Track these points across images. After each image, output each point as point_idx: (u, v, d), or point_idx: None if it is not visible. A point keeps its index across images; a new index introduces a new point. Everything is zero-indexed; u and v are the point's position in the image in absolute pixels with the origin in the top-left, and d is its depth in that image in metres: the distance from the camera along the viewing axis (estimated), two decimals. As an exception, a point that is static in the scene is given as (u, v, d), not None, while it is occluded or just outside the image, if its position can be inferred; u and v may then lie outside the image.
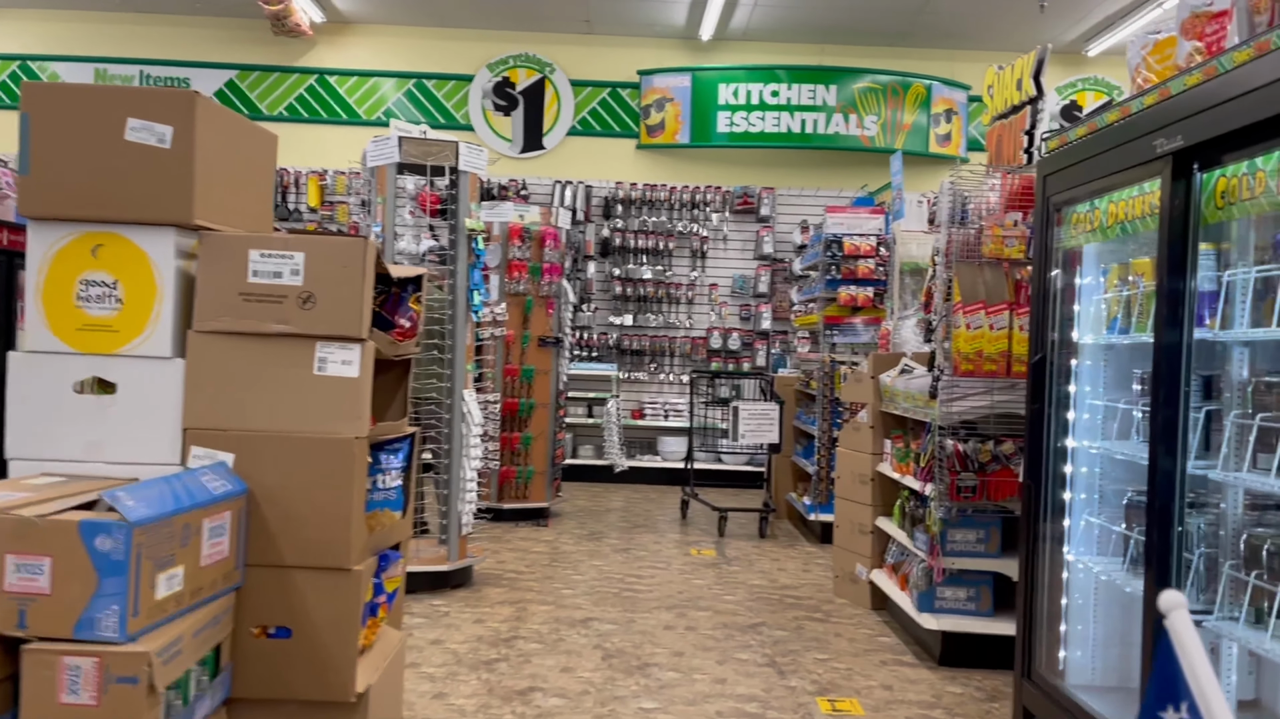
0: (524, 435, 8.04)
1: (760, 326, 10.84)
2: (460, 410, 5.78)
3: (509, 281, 8.02)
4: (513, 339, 8.04)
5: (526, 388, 8.06)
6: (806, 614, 5.56)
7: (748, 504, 8.98)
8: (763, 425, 7.69)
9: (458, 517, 5.78)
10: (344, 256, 3.06)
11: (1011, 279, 4.55)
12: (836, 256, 7.51)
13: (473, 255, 5.82)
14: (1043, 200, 3.05)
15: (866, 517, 5.78)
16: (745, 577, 6.42)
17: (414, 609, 5.34)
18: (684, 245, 10.86)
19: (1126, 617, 3.00)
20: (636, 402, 10.86)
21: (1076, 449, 3.03)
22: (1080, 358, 3.06)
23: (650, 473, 10.45)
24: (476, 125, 10.98)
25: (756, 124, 10.52)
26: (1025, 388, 4.64)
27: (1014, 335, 4.47)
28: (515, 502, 8.03)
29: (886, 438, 5.65)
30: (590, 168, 10.96)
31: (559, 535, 7.53)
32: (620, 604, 5.61)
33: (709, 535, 7.77)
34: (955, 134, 10.87)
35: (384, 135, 5.76)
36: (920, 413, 5.06)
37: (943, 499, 4.56)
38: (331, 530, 2.97)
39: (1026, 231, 4.50)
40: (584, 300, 10.79)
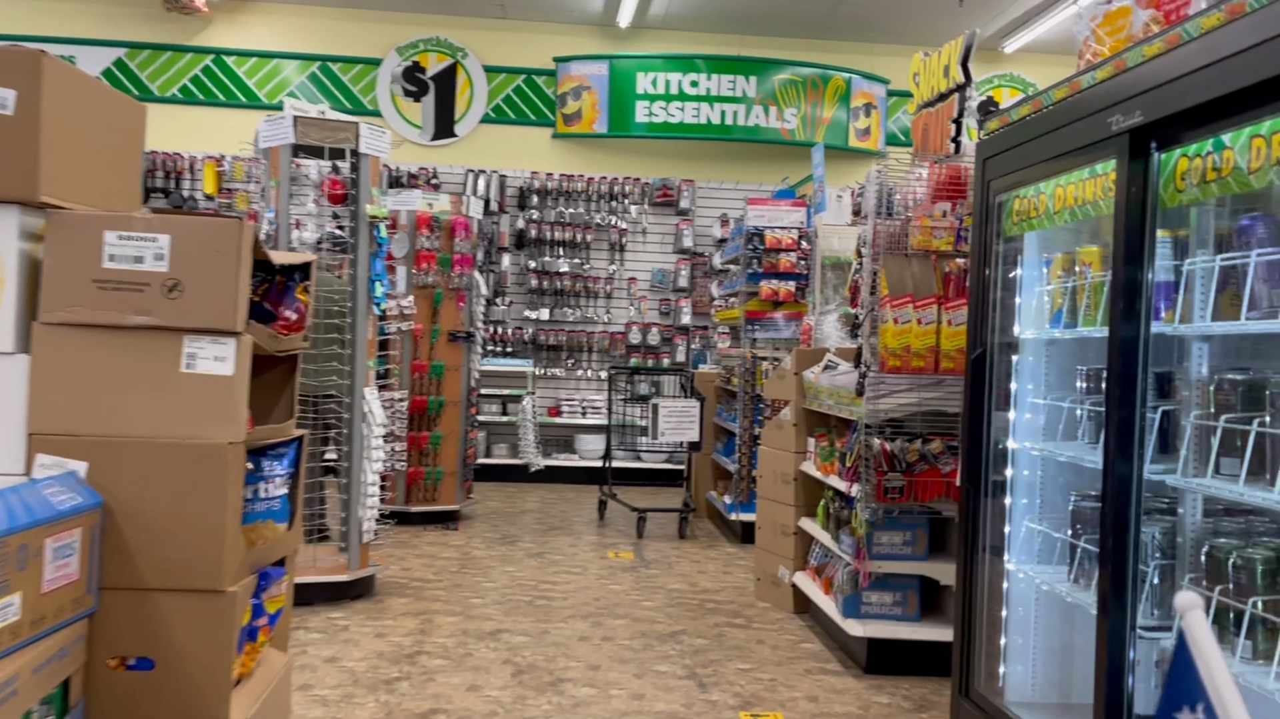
0: (433, 435, 7.68)
1: (680, 321, 10.63)
2: (361, 409, 5.42)
3: (417, 273, 7.64)
4: (421, 333, 7.67)
5: (436, 385, 7.70)
6: (728, 620, 5.34)
7: (667, 504, 8.75)
8: (683, 423, 7.46)
9: (359, 523, 5.42)
10: (216, 240, 2.72)
11: (940, 272, 4.38)
12: (758, 250, 7.32)
13: (375, 244, 5.46)
14: (982, 185, 2.86)
15: (789, 517, 5.58)
16: (664, 580, 6.18)
17: (310, 623, 4.97)
18: (602, 238, 10.58)
19: (1069, 629, 2.84)
20: (553, 398, 10.56)
21: (1018, 451, 2.86)
22: (1021, 354, 2.89)
23: (567, 472, 10.16)
24: (385, 111, 10.54)
25: (676, 114, 10.30)
26: (954, 385, 4.49)
27: (942, 330, 4.31)
28: (423, 504, 7.66)
29: (810, 436, 5.46)
30: (505, 157, 10.61)
31: (470, 540, 7.19)
32: (533, 614, 5.31)
33: (627, 537, 7.51)
34: (875, 129, 10.80)
35: (278, 115, 5.36)
36: (845, 410, 4.87)
37: (869, 501, 4.38)
38: (201, 548, 2.64)
39: (956, 223, 4.34)
40: (498, 294, 10.44)
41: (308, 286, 3.62)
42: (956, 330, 4.30)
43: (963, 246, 4.36)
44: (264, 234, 5.30)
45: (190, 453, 2.65)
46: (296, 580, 5.25)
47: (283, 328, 3.32)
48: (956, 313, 4.30)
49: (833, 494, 5.05)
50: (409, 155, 10.53)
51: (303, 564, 5.43)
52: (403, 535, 7.21)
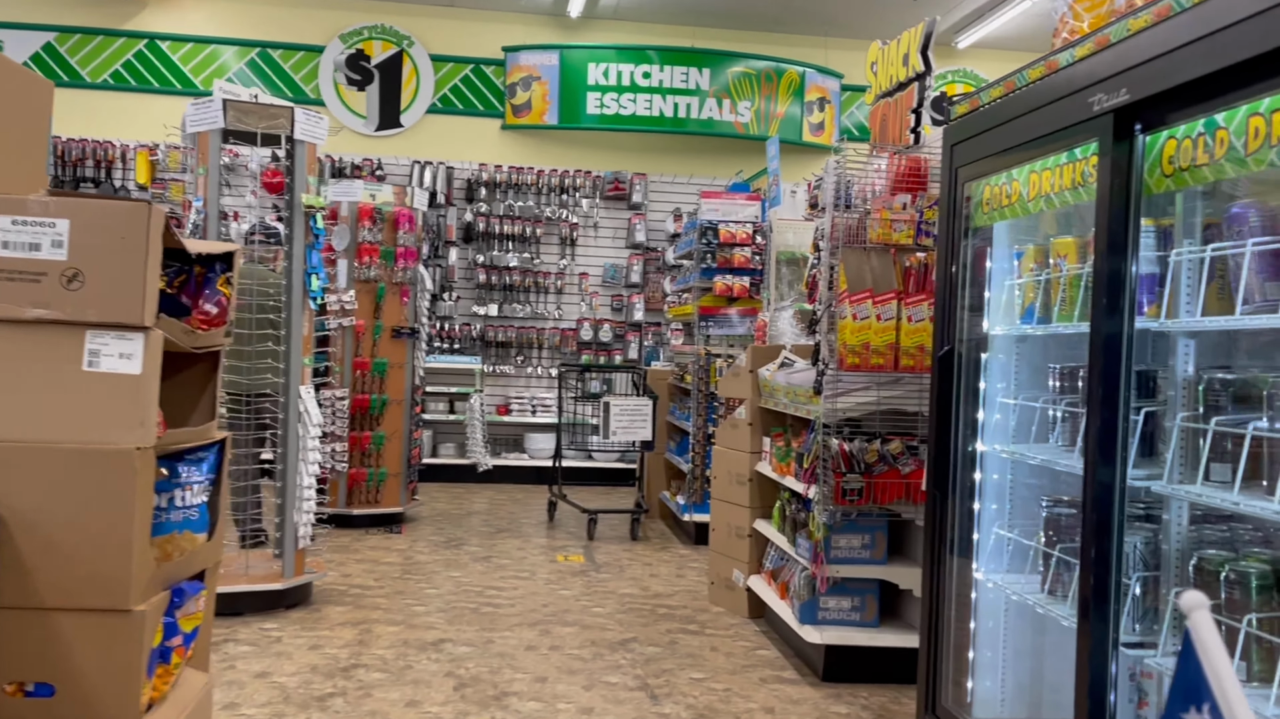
0: (375, 434, 7.42)
1: (633, 318, 10.44)
2: (296, 409, 5.16)
3: (359, 267, 7.37)
4: (363, 330, 7.40)
5: (379, 383, 7.43)
6: (681, 626, 5.17)
7: (619, 504, 8.57)
8: (635, 422, 7.28)
9: (294, 528, 5.16)
10: (121, 226, 2.48)
11: (900, 266, 4.24)
12: (712, 244, 7.16)
13: (311, 235, 5.20)
14: (949, 173, 2.71)
15: (744, 519, 5.42)
16: (616, 585, 5.99)
17: (240, 635, 4.71)
18: (552, 232, 10.36)
19: (1041, 642, 2.70)
20: (502, 396, 10.32)
21: (986, 454, 2.71)
22: (991, 351, 2.74)
23: (517, 472, 9.93)
24: (328, 100, 10.21)
25: (628, 106, 10.10)
26: (913, 383, 4.35)
27: (902, 327, 4.16)
28: (365, 507, 7.39)
29: (766, 435, 5.31)
30: (452, 148, 10.34)
31: (414, 543, 6.95)
32: (478, 622, 5.10)
33: (578, 539, 7.31)
34: (829, 124, 10.70)
35: (206, 100, 5.08)
36: (802, 409, 4.72)
37: (827, 503, 4.22)
38: (105, 563, 2.41)
39: (916, 215, 4.21)
40: (445, 289, 10.17)
41: (230, 278, 3.38)
42: (917, 327, 4.16)
43: (923, 240, 4.22)
44: (192, 224, 5.02)
45: (94, 459, 2.42)
46: (227, 589, 5.00)
47: (201, 322, 3.08)
48: (916, 309, 4.17)
49: (789, 496, 4.90)
50: (352, 146, 10.22)
51: (234, 572, 5.16)
52: (343, 539, 6.94)
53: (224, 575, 5.10)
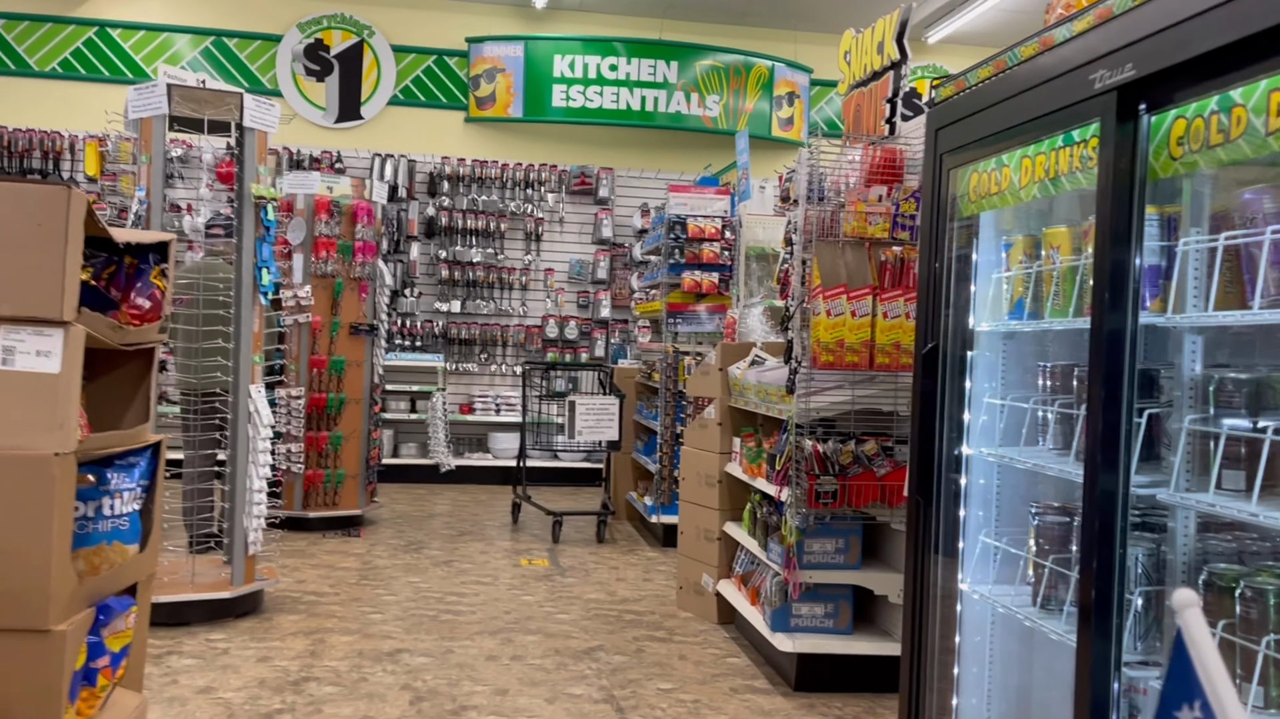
0: (333, 434, 7.18)
1: (599, 315, 10.26)
2: (245, 409, 4.93)
3: (316, 262, 7.12)
4: (320, 326, 7.16)
5: (336, 381, 7.20)
6: (648, 633, 5.00)
7: (585, 506, 8.38)
8: (601, 421, 7.10)
9: (243, 533, 4.92)
10: (37, 211, 2.29)
11: (875, 261, 4.09)
12: (680, 239, 6.99)
13: (261, 227, 4.97)
14: (933, 160, 2.55)
15: (713, 522, 5.26)
16: (581, 589, 5.81)
17: (185, 647, 4.48)
18: (517, 227, 10.15)
19: (1030, 657, 2.55)
20: (466, 395, 10.09)
21: (972, 457, 2.56)
22: (977, 348, 2.59)
23: (480, 472, 9.72)
24: (286, 91, 9.93)
25: (594, 99, 9.91)
26: (888, 382, 4.20)
27: (878, 323, 4.02)
28: (322, 510, 7.15)
29: (736, 436, 5.15)
30: (414, 141, 10.09)
31: (372, 547, 6.72)
32: (437, 630, 4.89)
33: (542, 542, 7.12)
34: (798, 118, 10.57)
35: (150, 84, 4.83)
36: (774, 409, 4.57)
37: (800, 506, 4.07)
38: (21, 579, 2.22)
39: (892, 208, 4.06)
40: (407, 285, 9.93)
41: (165, 270, 3.16)
42: (893, 324, 4.02)
43: (900, 234, 4.08)
44: (134, 215, 4.77)
45: (6, 466, 2.23)
46: (172, 599, 4.76)
47: (133, 317, 2.87)
48: (892, 304, 4.02)
49: (760, 498, 4.74)
50: (311, 138, 9.95)
51: (180, 580, 4.92)
52: (299, 544, 6.70)
53: (169, 583, 4.87)
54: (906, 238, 4.07)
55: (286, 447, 7.06)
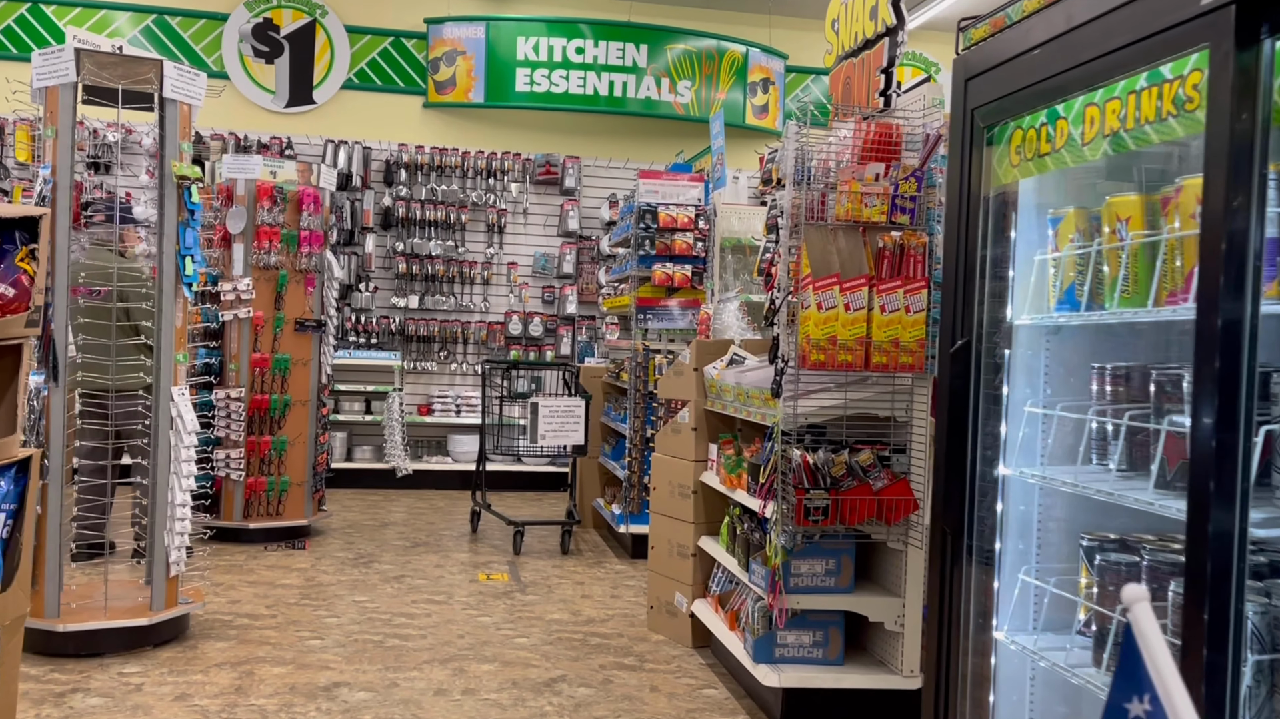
0: (277, 439, 6.65)
1: (565, 311, 9.77)
2: (167, 413, 4.40)
3: (257, 252, 6.59)
4: (262, 322, 6.62)
5: (280, 381, 6.67)
6: (616, 660, 4.53)
7: (549, 514, 7.90)
8: (566, 424, 6.62)
9: (164, 552, 4.40)
10: None
11: (872, 247, 3.65)
12: (650, 229, 6.52)
13: (184, 210, 4.45)
14: (963, 118, 2.11)
15: (687, 536, 4.81)
16: (543, 608, 5.33)
17: (93, 683, 3.96)
18: (479, 218, 9.64)
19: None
20: (424, 395, 9.58)
21: (1011, 479, 2.12)
22: (1014, 347, 2.15)
23: (439, 477, 9.20)
24: (232, 73, 9.35)
25: (560, 84, 9.42)
26: (883, 384, 3.77)
27: (874, 318, 3.58)
28: (265, 520, 6.62)
29: (713, 442, 4.69)
30: (369, 127, 9.55)
31: (318, 561, 6.20)
32: (382, 659, 4.40)
33: (503, 553, 6.64)
34: (773, 106, 10.14)
35: (56, 49, 4.30)
36: (756, 414, 4.11)
37: (787, 523, 3.62)
38: None
39: (890, 188, 3.62)
40: (361, 279, 9.39)
41: (35, 251, 2.66)
42: (891, 318, 3.58)
43: (898, 217, 3.64)
44: (38, 197, 4.23)
45: None
46: (82, 627, 4.24)
47: (-12, 307, 2.38)
48: (891, 296, 3.58)
49: (740, 512, 4.29)
50: (259, 123, 9.39)
51: (91, 606, 4.39)
52: (237, 557, 6.17)
53: (79, 609, 4.34)
54: (906, 221, 3.63)
55: (225, 452, 6.53)
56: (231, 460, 6.53)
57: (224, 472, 6.53)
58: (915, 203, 3.64)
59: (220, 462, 6.53)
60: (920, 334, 3.61)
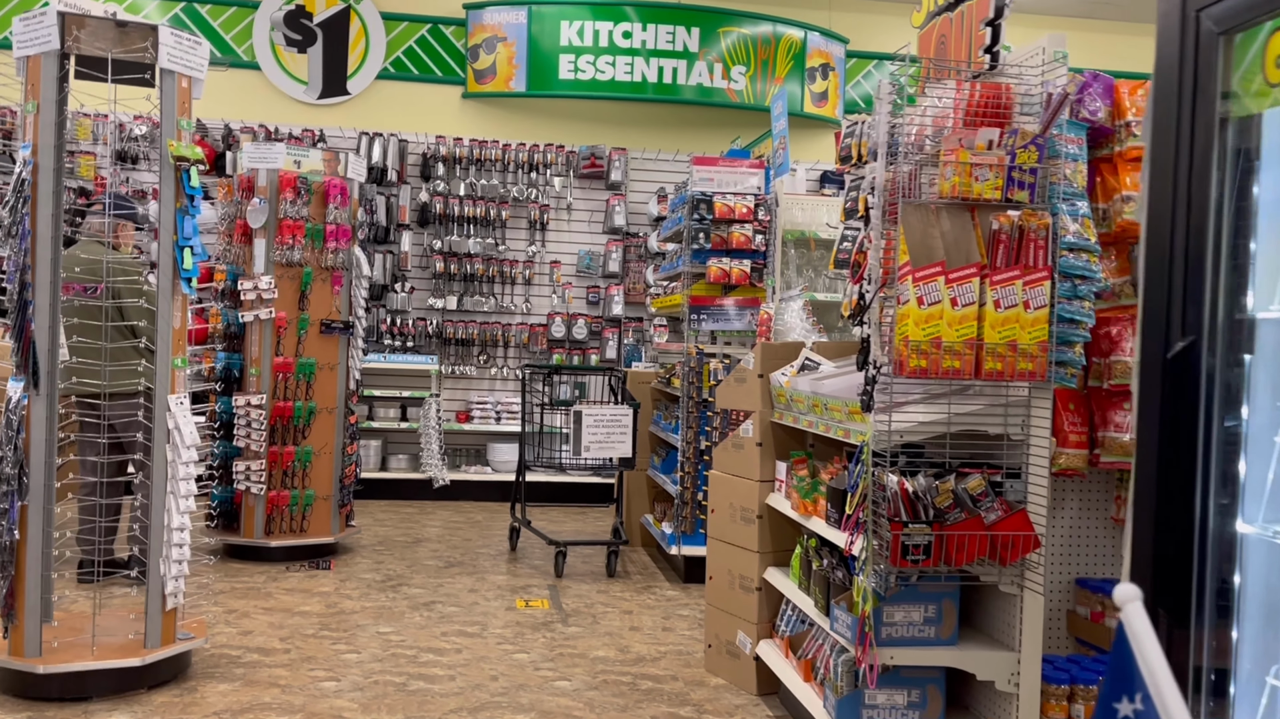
0: (301, 450, 6.15)
1: (611, 312, 9.20)
2: (163, 425, 3.89)
3: (280, 248, 6.10)
4: (285, 324, 6.13)
5: (305, 387, 6.17)
6: (671, 710, 3.95)
7: (593, 530, 7.34)
8: (613, 435, 6.05)
9: (160, 583, 3.89)
10: None
11: (984, 229, 3.03)
12: (705, 221, 5.92)
13: (184, 196, 3.93)
14: (1180, 22, 1.49)
15: (751, 567, 4.21)
16: (587, 644, 4.76)
17: (71, 738, 3.46)
18: (520, 214, 9.11)
19: None
20: (462, 401, 9.06)
21: (1253, 540, 1.52)
22: (1258, 351, 1.53)
23: (478, 488, 8.68)
24: (264, 63, 8.92)
25: (606, 70, 8.85)
26: (996, 395, 3.15)
27: (987, 316, 2.96)
28: (287, 537, 6.12)
29: (781, 460, 4.09)
30: (406, 118, 9.07)
31: (343, 583, 5.69)
32: (404, 706, 3.85)
33: (544, 575, 6.07)
34: (832, 93, 9.49)
35: (38, 12, 3.81)
36: (836, 429, 3.50)
37: (879, 563, 3.01)
38: None
39: (1006, 158, 3.00)
40: (397, 279, 8.90)
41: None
42: (1007, 315, 2.96)
43: (1016, 193, 3.01)
44: (18, 180, 3.74)
45: None
46: (67, 668, 3.73)
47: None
48: (1007, 289, 2.96)
49: (816, 543, 3.68)
50: (291, 115, 8.94)
51: (78, 643, 3.89)
52: (256, 579, 5.67)
53: (63, 647, 3.84)
54: (1024, 198, 3.01)
55: (246, 464, 6.04)
56: (252, 473, 6.04)
57: (244, 485, 6.05)
58: (1036, 176, 3.01)
59: (240, 474, 6.05)
60: (1042, 335, 2.99)
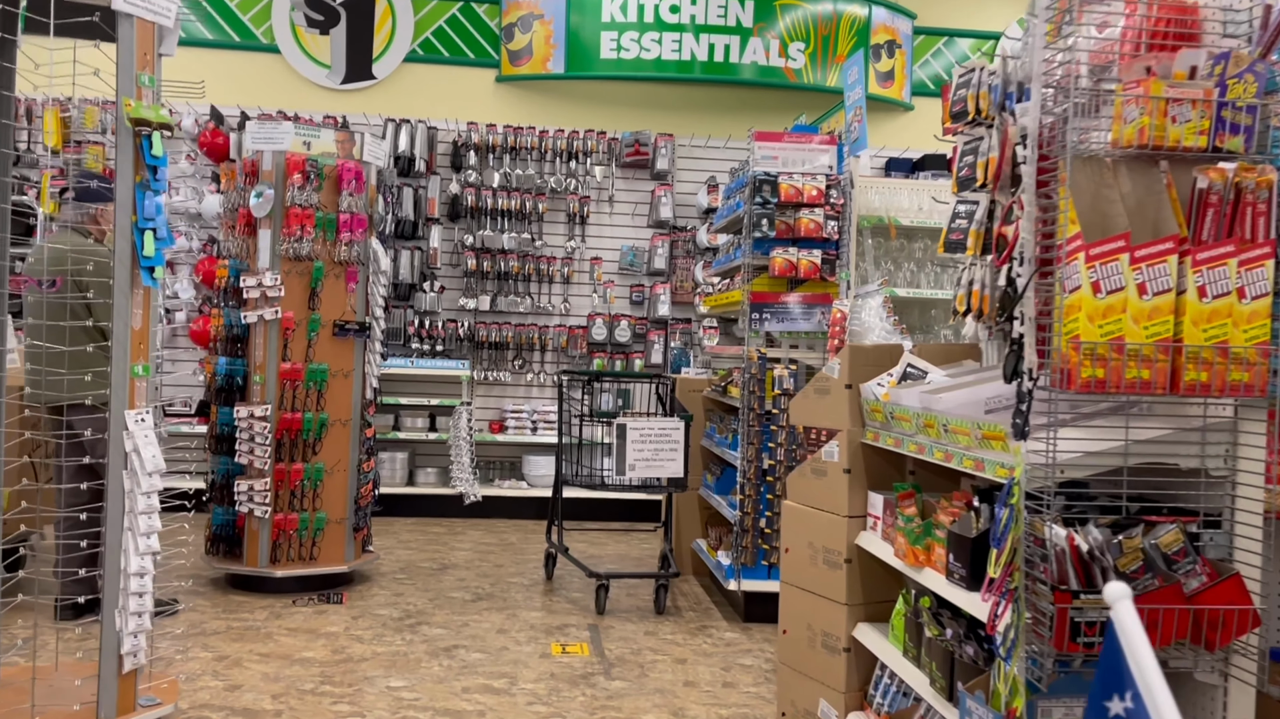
0: (311, 467, 5.46)
1: (656, 313, 8.45)
2: (120, 448, 3.19)
3: (287, 239, 5.42)
4: (293, 325, 5.45)
5: (315, 397, 5.48)
6: (740, 802, 3.18)
7: (638, 555, 6.59)
8: (661, 451, 5.29)
9: (115, 640, 3.19)
10: None
11: (1181, 191, 2.23)
12: (769, 205, 5.14)
13: (143, 169, 3.23)
14: None
15: (837, 622, 3.42)
16: (635, 705, 4.00)
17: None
18: (558, 207, 8.39)
19: None
20: (496, 410, 8.36)
21: None
22: None
23: (513, 504, 7.96)
24: (284, 46, 8.29)
25: (651, 49, 8.10)
26: (1179, 414, 2.35)
27: (1187, 306, 2.16)
28: (295, 566, 5.43)
29: (876, 491, 3.30)
30: (435, 104, 8.39)
31: (355, 620, 4.98)
32: (409, 796, 3.12)
33: (583, 612, 5.33)
34: (899, 72, 8.67)
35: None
36: (962, 456, 2.71)
37: (1038, 645, 2.22)
38: None
39: (1215, 92, 2.19)
40: (426, 278, 8.22)
41: None
42: (1215, 307, 2.16)
43: (1226, 140, 2.21)
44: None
45: None
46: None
47: None
48: (1216, 270, 2.16)
49: (932, 604, 2.89)
50: (313, 101, 8.30)
51: (14, 711, 3.20)
52: (257, 614, 4.98)
53: (0, 717, 3.15)
54: (1239, 146, 2.20)
55: (248, 484, 5.37)
56: (255, 493, 5.36)
57: (246, 507, 5.37)
58: (1254, 116, 2.21)
59: (242, 495, 5.37)
60: (1262, 334, 2.19)
